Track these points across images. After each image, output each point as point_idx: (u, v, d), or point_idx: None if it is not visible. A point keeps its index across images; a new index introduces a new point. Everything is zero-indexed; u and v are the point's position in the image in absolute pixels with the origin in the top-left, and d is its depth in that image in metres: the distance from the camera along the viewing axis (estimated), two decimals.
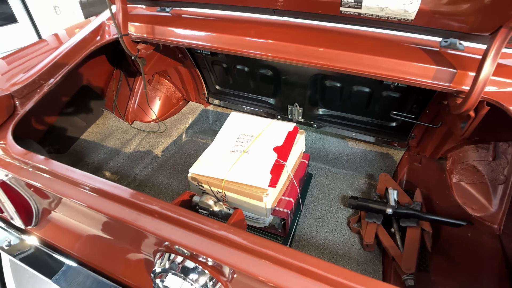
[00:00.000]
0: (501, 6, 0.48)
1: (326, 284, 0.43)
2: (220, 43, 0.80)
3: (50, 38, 0.95)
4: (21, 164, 0.64)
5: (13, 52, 0.87)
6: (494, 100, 0.59)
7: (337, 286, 0.42)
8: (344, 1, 0.58)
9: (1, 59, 0.84)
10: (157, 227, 0.51)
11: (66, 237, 0.76)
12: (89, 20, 1.12)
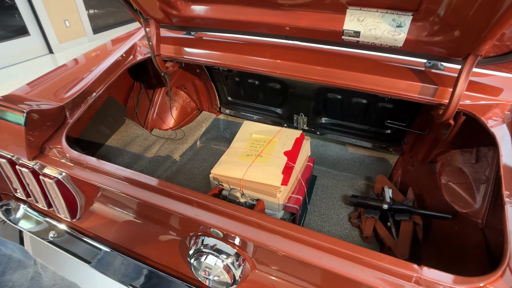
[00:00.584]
0: (468, 40, 0.62)
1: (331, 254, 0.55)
2: (237, 62, 0.93)
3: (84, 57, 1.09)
4: (75, 165, 0.76)
5: (56, 68, 1.00)
6: (468, 111, 0.73)
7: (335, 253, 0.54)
8: (345, 32, 0.72)
9: (47, 74, 0.97)
10: (197, 214, 0.63)
11: (104, 228, 0.87)
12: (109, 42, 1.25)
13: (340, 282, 0.59)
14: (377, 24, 0.68)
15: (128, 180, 0.69)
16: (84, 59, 1.05)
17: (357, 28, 0.70)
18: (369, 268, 0.53)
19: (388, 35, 0.69)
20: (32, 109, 0.76)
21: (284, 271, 0.66)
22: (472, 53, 0.64)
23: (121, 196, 0.74)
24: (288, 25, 0.78)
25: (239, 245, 0.65)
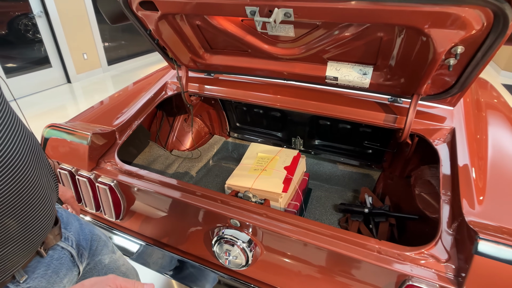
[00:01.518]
0: (410, 84, 0.89)
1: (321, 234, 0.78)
2: (246, 96, 1.21)
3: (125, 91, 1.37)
4: (124, 174, 1.01)
5: (107, 98, 1.28)
6: (419, 134, 0.99)
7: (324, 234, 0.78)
8: (327, 77, 1.00)
9: (97, 105, 1.24)
10: (221, 208, 0.87)
11: (142, 225, 1.09)
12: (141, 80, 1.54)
13: (329, 256, 0.82)
14: (349, 72, 0.96)
15: (166, 184, 0.94)
16: (126, 93, 1.33)
17: (335, 74, 0.99)
18: (349, 244, 0.76)
19: (358, 80, 0.97)
20: (94, 132, 1.03)
21: (285, 253, 0.88)
22: (415, 93, 0.91)
23: (158, 198, 0.98)
24: (286, 71, 1.07)
25: (251, 233, 0.88)
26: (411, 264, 0.72)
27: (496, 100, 1.27)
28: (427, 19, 0.68)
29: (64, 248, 0.65)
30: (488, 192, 0.78)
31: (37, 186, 0.52)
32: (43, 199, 0.54)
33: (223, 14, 0.87)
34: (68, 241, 0.67)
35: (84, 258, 0.72)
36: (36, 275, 0.57)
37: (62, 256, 0.64)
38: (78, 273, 0.71)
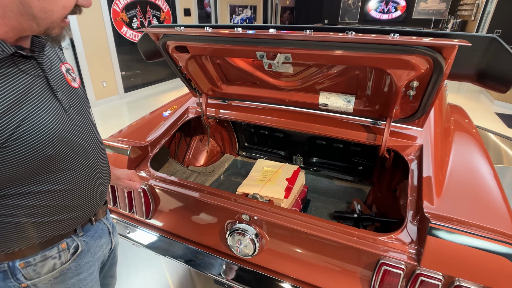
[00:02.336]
0: (383, 110, 1.16)
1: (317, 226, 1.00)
2: (254, 119, 1.48)
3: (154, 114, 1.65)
4: (156, 180, 1.25)
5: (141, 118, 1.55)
6: (394, 149, 1.24)
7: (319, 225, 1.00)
8: (319, 104, 1.27)
9: (132, 124, 1.52)
10: (234, 205, 1.10)
11: (166, 223, 1.31)
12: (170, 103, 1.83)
13: (321, 243, 1.03)
14: (337, 100, 1.23)
15: (190, 187, 1.18)
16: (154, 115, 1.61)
17: (326, 102, 1.25)
18: (335, 232, 0.98)
19: (343, 106, 1.23)
20: (133, 145, 1.29)
21: (285, 243, 1.09)
22: (388, 117, 1.17)
23: (182, 199, 1.22)
24: (287, 99, 1.34)
25: (259, 227, 1.10)
26: (382, 246, 0.93)
27: (464, 123, 1.52)
28: (387, 63, 0.95)
29: (105, 224, 0.89)
30: (443, 195, 1.01)
31: (101, 171, 0.78)
32: (103, 181, 0.80)
33: (239, 56, 1.16)
34: (108, 221, 0.91)
35: (113, 238, 0.95)
36: (88, 234, 0.81)
37: (103, 228, 0.88)
38: (111, 247, 0.94)
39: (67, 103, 0.68)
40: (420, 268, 0.88)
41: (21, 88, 0.57)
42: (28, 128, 0.57)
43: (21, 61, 0.59)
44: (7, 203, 0.61)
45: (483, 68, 0.96)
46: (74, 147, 0.68)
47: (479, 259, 0.82)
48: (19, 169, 0.57)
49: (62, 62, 0.75)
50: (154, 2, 5.27)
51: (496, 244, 0.81)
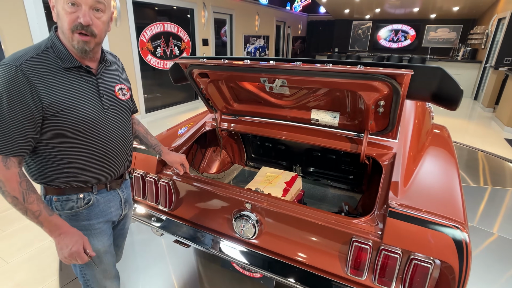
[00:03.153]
0: (361, 124, 1.46)
1: (310, 214, 1.29)
2: (260, 131, 1.80)
3: (175, 128, 2.00)
4: (178, 177, 1.57)
5: (170, 129, 1.91)
6: (372, 156, 1.52)
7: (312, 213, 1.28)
8: (311, 119, 1.59)
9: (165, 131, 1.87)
10: (241, 196, 1.39)
11: (185, 212, 1.61)
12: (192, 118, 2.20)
13: (308, 226, 1.30)
14: (325, 116, 1.55)
15: (206, 183, 1.49)
16: (172, 130, 1.96)
17: (316, 117, 1.57)
18: (318, 217, 1.26)
19: (331, 121, 1.55)
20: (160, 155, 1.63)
21: (279, 227, 1.37)
22: (365, 129, 1.47)
23: (199, 192, 1.52)
24: (286, 115, 1.67)
25: (259, 214, 1.39)
26: (355, 228, 1.20)
27: (441, 138, 1.80)
28: (357, 87, 1.27)
29: (118, 194, 1.21)
30: (407, 191, 1.28)
31: (117, 156, 1.13)
32: (117, 163, 1.14)
33: (247, 81, 1.52)
34: (122, 193, 1.24)
35: (123, 210, 1.27)
36: (101, 195, 1.14)
37: (116, 196, 1.20)
38: (120, 214, 1.26)
39: (108, 104, 1.07)
40: (383, 244, 1.14)
41: (78, 87, 0.99)
42: (70, 111, 0.96)
43: (85, 73, 1.02)
44: (51, 152, 0.98)
45: (435, 91, 1.26)
46: (99, 131, 1.04)
47: (427, 236, 1.08)
48: (61, 131, 0.96)
49: (119, 83, 1.13)
50: (176, 33, 5.88)
51: (440, 224, 1.07)
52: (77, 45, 0.94)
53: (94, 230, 1.14)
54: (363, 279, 1.19)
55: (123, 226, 1.36)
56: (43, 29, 3.96)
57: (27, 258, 2.17)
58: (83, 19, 0.91)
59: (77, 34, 0.92)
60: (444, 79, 1.21)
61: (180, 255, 2.19)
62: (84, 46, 0.95)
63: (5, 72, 0.86)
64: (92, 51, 1.00)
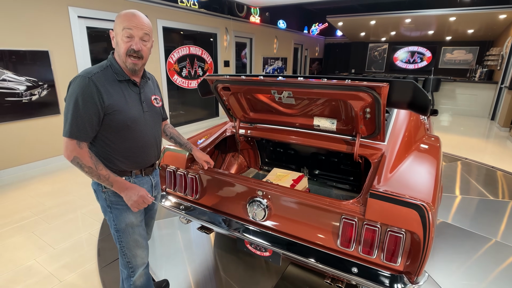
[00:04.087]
0: (353, 128, 1.80)
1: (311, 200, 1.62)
2: (272, 136, 2.17)
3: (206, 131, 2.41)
4: (203, 171, 1.94)
5: (198, 134, 2.31)
6: (364, 156, 1.84)
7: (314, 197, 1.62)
8: (314, 125, 1.94)
9: (195, 136, 2.27)
10: (254, 185, 1.74)
11: (208, 200, 1.97)
12: (217, 126, 2.60)
13: (308, 208, 1.62)
14: (325, 122, 1.90)
15: (226, 175, 1.86)
16: (205, 132, 2.37)
17: (318, 123, 1.93)
18: (316, 200, 1.59)
19: (330, 126, 1.90)
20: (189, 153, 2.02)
21: (285, 210, 1.69)
22: (357, 133, 1.81)
23: (220, 183, 1.88)
24: (294, 122, 2.04)
25: (268, 200, 1.72)
26: (344, 208, 1.51)
27: (429, 145, 2.09)
28: (346, 96, 1.62)
29: (150, 179, 1.55)
30: (389, 180, 1.59)
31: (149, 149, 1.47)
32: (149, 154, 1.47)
33: (261, 93, 1.91)
34: (153, 179, 1.58)
35: (153, 192, 1.58)
36: (137, 179, 1.45)
37: (148, 181, 1.54)
38: (151, 195, 1.44)
39: (146, 109, 1.42)
40: (366, 220, 1.44)
41: (128, 94, 1.35)
42: (121, 111, 1.30)
43: (132, 85, 1.38)
44: (105, 142, 1.33)
45: (410, 100, 1.59)
46: (139, 128, 1.38)
47: (400, 212, 1.38)
48: (114, 125, 1.29)
49: (154, 94, 1.54)
50: (201, 55, 6.50)
51: (409, 203, 1.37)
52: (129, 66, 1.31)
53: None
54: (351, 250, 1.49)
55: (152, 207, 1.67)
56: (86, 53, 4.61)
57: (69, 245, 2.58)
58: (135, 46, 1.28)
59: (130, 57, 1.29)
60: (416, 90, 1.54)
61: (201, 244, 2.54)
62: (134, 67, 1.33)
63: (81, 81, 1.22)
64: (139, 70, 1.36)
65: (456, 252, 2.46)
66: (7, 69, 3.77)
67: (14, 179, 3.94)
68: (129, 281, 1.52)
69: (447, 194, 3.56)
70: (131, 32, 1.26)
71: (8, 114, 3.86)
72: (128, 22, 1.26)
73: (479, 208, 3.22)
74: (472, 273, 2.20)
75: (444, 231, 2.77)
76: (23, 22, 3.84)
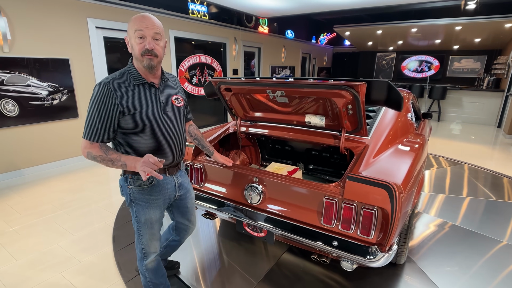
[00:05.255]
0: (339, 123, 2.07)
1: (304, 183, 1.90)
2: (272, 133, 2.46)
3: (212, 129, 2.72)
4: (206, 162, 2.24)
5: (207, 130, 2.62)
6: (349, 148, 2.10)
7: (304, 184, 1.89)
8: (306, 121, 2.22)
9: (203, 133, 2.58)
10: (250, 173, 2.02)
11: (212, 187, 2.25)
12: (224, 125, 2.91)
13: (296, 190, 1.88)
14: (315, 119, 2.18)
15: (226, 166, 2.15)
16: (212, 130, 2.68)
17: (309, 120, 2.21)
18: (303, 184, 1.86)
19: (319, 122, 2.17)
20: (195, 145, 2.33)
21: (277, 194, 1.96)
22: (343, 128, 2.08)
23: (221, 172, 2.17)
24: (288, 119, 2.32)
25: (263, 185, 2.00)
26: (326, 190, 1.78)
27: (413, 141, 2.34)
28: (330, 94, 1.90)
29: (174, 179, 1.74)
30: (367, 167, 1.84)
31: (171, 148, 1.59)
32: (172, 153, 1.60)
33: (258, 93, 2.21)
34: (177, 179, 1.76)
35: (177, 192, 1.75)
36: (162, 178, 1.63)
37: (171, 181, 1.70)
38: (175, 195, 1.66)
39: (166, 108, 1.50)
40: (344, 199, 1.70)
41: (145, 96, 1.43)
42: (138, 112, 1.38)
43: (150, 87, 1.46)
44: (128, 142, 1.43)
45: (386, 98, 1.86)
46: (160, 127, 1.46)
47: (372, 192, 1.63)
48: (133, 125, 1.38)
49: (175, 94, 1.76)
50: (210, 64, 6.89)
51: (380, 183, 1.62)
52: (145, 63, 1.38)
53: (152, 203, 1.55)
54: (333, 227, 1.75)
55: (186, 205, 1.80)
56: (102, 60, 5.03)
57: (87, 233, 2.89)
58: (148, 46, 1.35)
59: (145, 56, 1.37)
60: (390, 89, 1.81)
61: (207, 232, 2.82)
62: (150, 62, 1.39)
63: (99, 88, 1.35)
64: (155, 68, 1.42)
65: (458, 252, 2.66)
66: (32, 76, 4.20)
67: (36, 176, 4.33)
68: (142, 263, 1.69)
69: (455, 195, 3.75)
70: (142, 33, 1.34)
71: (32, 117, 4.27)
72: (139, 24, 1.34)
73: (486, 209, 3.36)
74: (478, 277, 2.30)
75: (451, 232, 2.96)
76: (47, 32, 4.29)
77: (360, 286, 2.16)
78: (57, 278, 2.24)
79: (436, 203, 3.52)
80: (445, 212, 3.29)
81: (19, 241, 2.73)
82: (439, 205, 3.45)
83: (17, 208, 3.36)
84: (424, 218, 3.14)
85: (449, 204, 3.47)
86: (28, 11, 4.05)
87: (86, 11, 4.65)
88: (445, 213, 3.25)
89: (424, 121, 3.73)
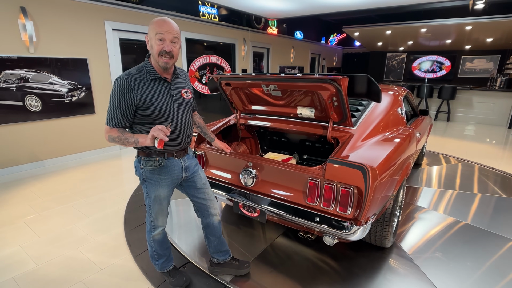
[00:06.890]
0: (327, 115, 2.31)
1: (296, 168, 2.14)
2: (270, 125, 2.71)
3: (216, 121, 2.99)
4: (208, 149, 2.51)
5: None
6: (336, 138, 2.33)
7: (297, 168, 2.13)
8: (298, 114, 2.47)
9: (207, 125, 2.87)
10: (246, 158, 2.27)
11: (213, 172, 2.51)
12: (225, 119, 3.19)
13: (286, 172, 2.12)
14: (306, 111, 2.42)
15: (225, 152, 2.42)
16: (215, 122, 2.95)
17: (300, 112, 2.45)
18: (291, 167, 2.10)
19: (309, 114, 2.41)
20: (198, 133, 2.60)
21: (269, 176, 2.21)
22: (330, 119, 2.31)
23: (221, 158, 2.43)
24: (282, 111, 2.57)
25: (257, 170, 2.25)
26: (311, 172, 2.01)
27: (400, 133, 2.54)
28: (316, 88, 2.13)
29: (181, 162, 1.96)
30: (349, 153, 2.07)
31: (179, 134, 1.82)
32: (179, 139, 1.84)
33: (255, 87, 2.47)
34: (184, 162, 2.00)
35: (184, 174, 1.99)
36: (170, 160, 1.79)
37: (179, 163, 1.93)
38: (182, 177, 1.83)
39: (176, 100, 1.68)
40: (325, 180, 1.94)
41: (158, 90, 1.61)
42: (152, 104, 1.56)
43: (163, 82, 1.63)
44: (142, 129, 1.61)
45: (367, 91, 2.08)
46: (170, 117, 1.63)
47: (349, 173, 1.86)
48: (145, 115, 1.58)
49: (185, 88, 1.98)
50: (220, 64, 7.20)
51: (355, 165, 1.85)
52: (161, 64, 1.55)
53: (161, 182, 1.74)
54: (315, 205, 1.98)
55: (194, 181, 1.92)
56: (118, 60, 5.40)
57: (101, 216, 3.21)
58: (167, 48, 1.52)
59: (162, 57, 1.54)
60: (370, 83, 2.04)
61: None
62: (166, 65, 1.56)
63: (119, 82, 1.52)
64: (170, 68, 1.60)
65: (468, 251, 2.83)
66: (53, 74, 4.59)
67: (56, 167, 4.72)
68: (150, 234, 1.88)
69: (466, 192, 3.89)
70: (163, 36, 1.51)
71: (53, 112, 4.67)
72: (159, 28, 1.50)
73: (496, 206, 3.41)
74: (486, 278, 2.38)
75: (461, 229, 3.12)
76: (67, 34, 4.68)
77: (348, 268, 2.37)
78: (74, 253, 2.55)
79: (445, 199, 3.66)
80: (454, 210, 3.44)
81: (41, 221, 3.07)
82: (449, 202, 3.56)
83: (39, 194, 3.72)
84: (430, 214, 3.31)
85: (459, 202, 3.57)
86: (51, 14, 4.45)
87: (103, 14, 5.03)
88: (455, 211, 3.41)
89: (423, 118, 3.89)
